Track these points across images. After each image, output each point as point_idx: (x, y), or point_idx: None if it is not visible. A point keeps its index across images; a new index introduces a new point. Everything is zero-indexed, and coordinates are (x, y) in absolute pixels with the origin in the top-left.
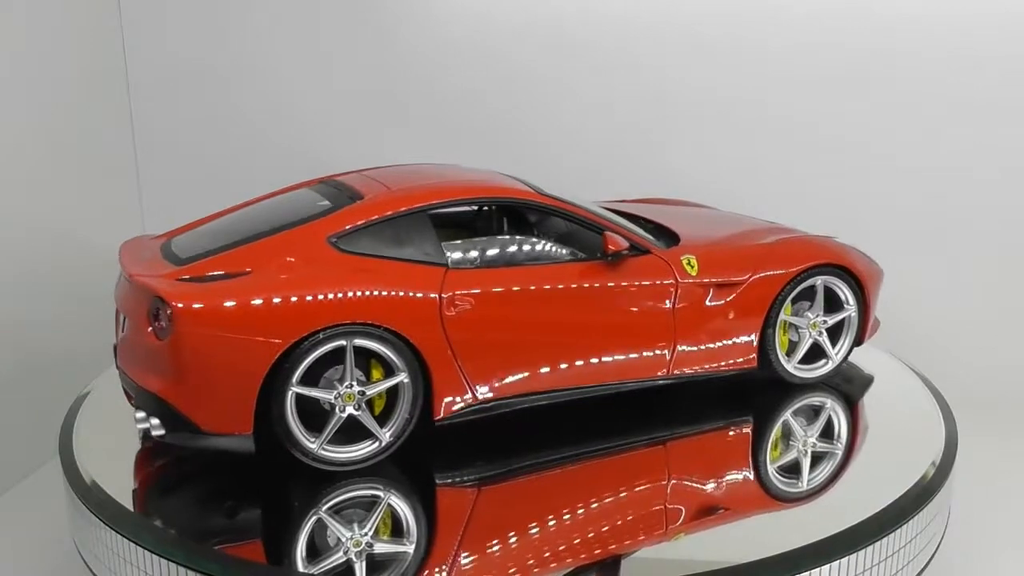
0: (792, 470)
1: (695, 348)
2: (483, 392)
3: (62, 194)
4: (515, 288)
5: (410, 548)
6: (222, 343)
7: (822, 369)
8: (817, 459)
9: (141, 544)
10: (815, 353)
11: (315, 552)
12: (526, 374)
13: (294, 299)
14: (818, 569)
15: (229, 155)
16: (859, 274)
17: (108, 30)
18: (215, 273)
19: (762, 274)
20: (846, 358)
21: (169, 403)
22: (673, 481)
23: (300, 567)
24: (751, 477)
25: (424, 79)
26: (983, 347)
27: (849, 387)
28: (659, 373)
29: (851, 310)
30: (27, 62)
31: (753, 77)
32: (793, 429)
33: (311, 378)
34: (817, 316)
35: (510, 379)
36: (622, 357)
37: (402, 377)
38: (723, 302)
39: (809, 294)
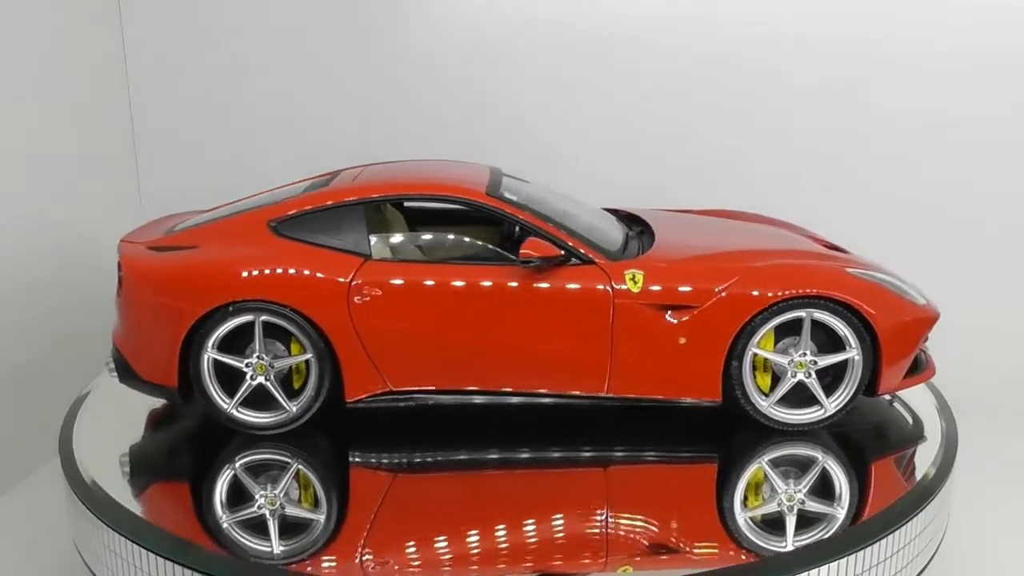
0: (774, 525)
1: (640, 372)
2: (394, 381)
3: (61, 194)
4: (427, 283)
5: (320, 517)
6: (153, 304)
7: (810, 416)
8: (808, 520)
9: (141, 544)
10: (811, 396)
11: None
12: (440, 370)
13: (212, 274)
14: (818, 569)
15: (229, 153)
16: (867, 313)
17: (108, 28)
18: (171, 246)
19: (724, 297)
20: (846, 409)
21: (120, 351)
22: (611, 511)
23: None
24: (716, 523)
25: (425, 77)
26: (983, 347)
27: (853, 429)
28: (599, 392)
29: (853, 353)
30: (27, 60)
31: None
32: (771, 479)
33: (239, 346)
34: (802, 355)
35: (423, 373)
36: (548, 368)
37: (307, 356)
38: (674, 324)
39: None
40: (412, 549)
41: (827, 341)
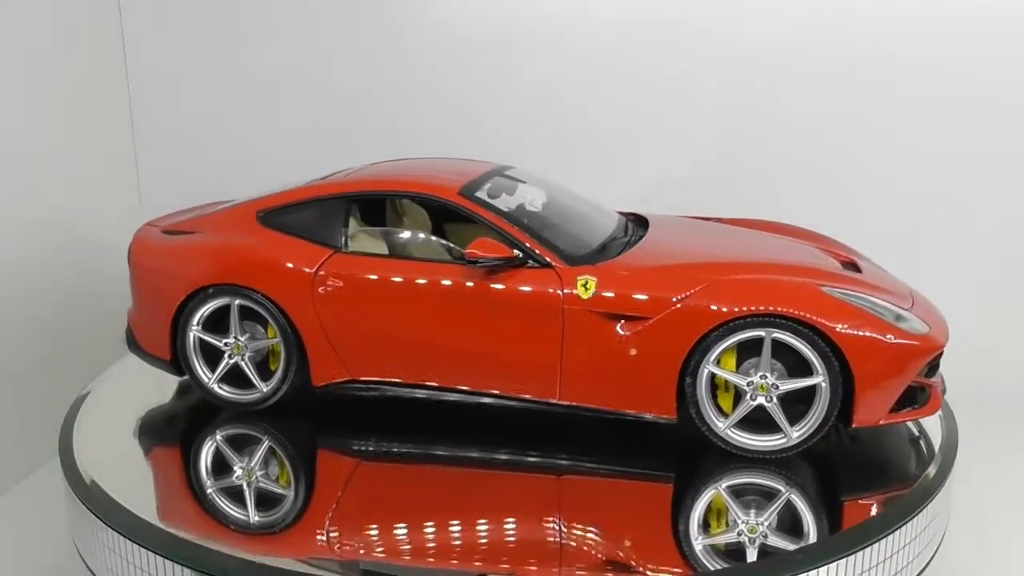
0: (733, 555)
1: (590, 381)
2: (355, 371)
3: (61, 194)
4: (385, 278)
5: (290, 493)
6: (150, 283)
7: (771, 444)
8: (769, 555)
9: (141, 544)
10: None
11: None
12: (396, 363)
13: (197, 259)
14: (819, 569)
15: (229, 153)
16: (835, 336)
17: (108, 29)
18: (179, 231)
19: (678, 309)
20: (812, 439)
21: (129, 323)
22: (564, 520)
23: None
24: (671, 546)
25: (426, 76)
26: (983, 347)
27: (839, 455)
28: (550, 398)
29: (820, 379)
30: (27, 60)
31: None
32: (730, 506)
33: (226, 327)
34: (762, 377)
35: (380, 364)
36: (500, 369)
37: (276, 340)
38: (625, 335)
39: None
40: (375, 534)
41: (800, 364)
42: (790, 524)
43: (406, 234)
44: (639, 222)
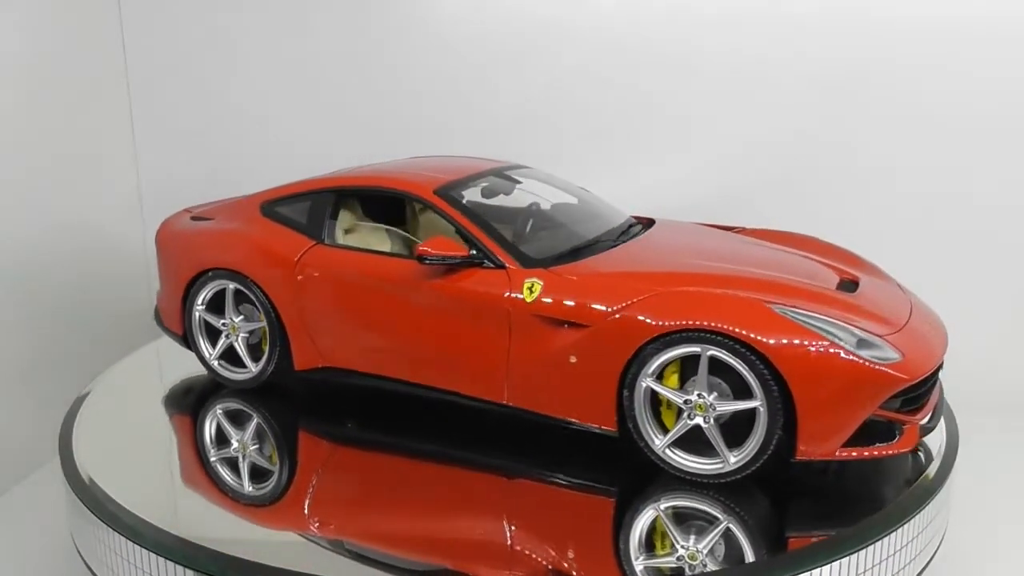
0: None
1: (534, 385)
2: (331, 359)
3: (61, 194)
4: (352, 271)
5: (275, 469)
6: (168, 263)
7: (708, 467)
8: None
9: (141, 544)
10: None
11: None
12: (361, 354)
13: (201, 244)
14: (819, 569)
15: (229, 152)
16: (773, 356)
17: (108, 28)
18: (202, 217)
19: (616, 319)
20: (752, 466)
21: (157, 299)
22: (513, 523)
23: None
24: (612, 563)
25: (426, 74)
26: (983, 347)
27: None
28: (499, 400)
29: (758, 403)
30: (27, 60)
31: None
32: (669, 529)
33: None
34: (699, 396)
35: (347, 354)
36: (452, 367)
37: (263, 323)
38: (567, 341)
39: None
40: (348, 516)
41: (746, 386)
42: (729, 554)
43: (383, 230)
44: (646, 226)
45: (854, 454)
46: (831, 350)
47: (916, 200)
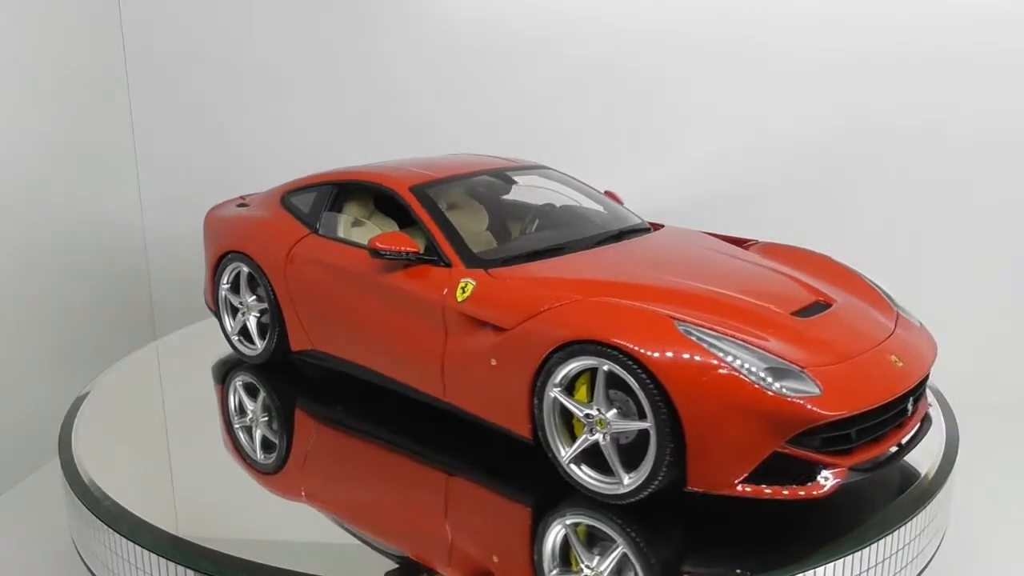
0: None
1: (463, 384)
2: (318, 343)
3: (61, 194)
4: (327, 262)
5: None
6: (206, 246)
7: (605, 486)
8: None
9: (141, 544)
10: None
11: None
12: (339, 341)
13: (225, 229)
14: (819, 569)
15: (228, 153)
16: (661, 375)
17: (108, 28)
18: (243, 203)
19: (526, 327)
20: (645, 490)
21: (206, 279)
22: (450, 520)
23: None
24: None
25: (426, 72)
26: (983, 348)
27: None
28: (439, 396)
29: (648, 423)
30: (28, 61)
31: None
32: (574, 545)
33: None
34: (596, 411)
35: (329, 340)
36: (401, 361)
37: (264, 304)
38: (489, 344)
39: None
40: (323, 488)
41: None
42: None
43: (368, 223)
44: (641, 233)
45: (749, 490)
46: (729, 374)
47: (916, 200)
